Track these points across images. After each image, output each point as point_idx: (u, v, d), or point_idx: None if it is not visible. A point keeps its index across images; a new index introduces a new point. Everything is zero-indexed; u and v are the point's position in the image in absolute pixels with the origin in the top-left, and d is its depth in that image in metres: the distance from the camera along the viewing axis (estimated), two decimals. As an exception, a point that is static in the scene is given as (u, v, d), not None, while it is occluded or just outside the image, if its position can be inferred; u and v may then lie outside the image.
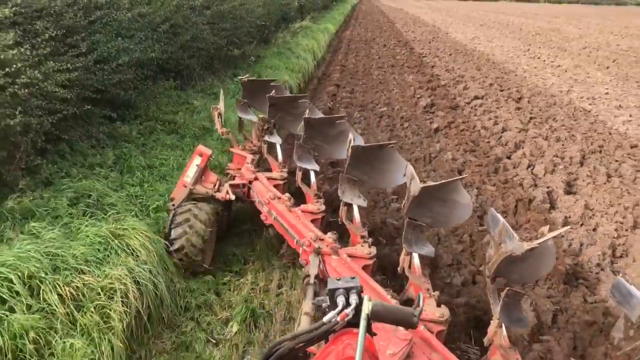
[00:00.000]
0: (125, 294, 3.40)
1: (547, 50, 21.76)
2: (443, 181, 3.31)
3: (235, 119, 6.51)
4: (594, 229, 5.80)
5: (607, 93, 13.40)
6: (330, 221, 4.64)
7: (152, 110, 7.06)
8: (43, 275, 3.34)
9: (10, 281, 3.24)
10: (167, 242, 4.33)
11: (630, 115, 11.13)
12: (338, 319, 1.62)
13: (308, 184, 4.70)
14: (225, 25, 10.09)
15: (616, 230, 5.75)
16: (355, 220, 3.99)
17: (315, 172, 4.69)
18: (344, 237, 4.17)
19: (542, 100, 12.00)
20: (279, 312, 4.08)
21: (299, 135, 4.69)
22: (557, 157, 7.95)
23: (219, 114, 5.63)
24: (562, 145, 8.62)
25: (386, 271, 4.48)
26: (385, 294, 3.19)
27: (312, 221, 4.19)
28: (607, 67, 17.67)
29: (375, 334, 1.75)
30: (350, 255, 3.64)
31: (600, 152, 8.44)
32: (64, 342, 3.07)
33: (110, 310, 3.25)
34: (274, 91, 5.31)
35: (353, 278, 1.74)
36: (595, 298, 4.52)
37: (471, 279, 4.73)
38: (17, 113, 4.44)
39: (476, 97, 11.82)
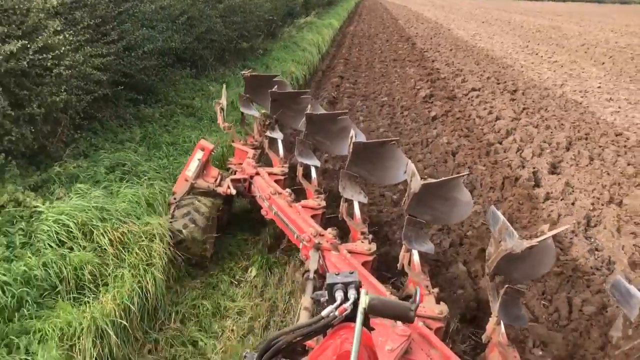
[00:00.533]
0: (162, 238, 4.07)
1: (546, 46, 22.33)
2: (444, 178, 3.34)
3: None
4: (572, 203, 6.43)
5: (599, 87, 14.00)
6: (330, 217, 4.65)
7: (172, 96, 7.71)
8: (94, 223, 4.01)
9: (69, 227, 3.90)
10: (169, 235, 4.39)
11: (619, 107, 11.74)
12: (336, 313, 1.63)
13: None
14: (236, 19, 10.73)
15: (592, 204, 6.38)
16: (356, 217, 4.02)
17: (316, 167, 4.74)
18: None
19: (536, 92, 12.62)
20: (290, 263, 4.72)
21: (301, 130, 4.73)
22: (545, 142, 8.58)
23: (221, 109, 5.69)
24: (551, 132, 9.25)
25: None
26: (385, 290, 3.23)
27: (313, 217, 4.22)
28: (603, 63, 18.26)
29: (373, 329, 1.78)
30: (350, 251, 3.68)
31: (586, 139, 9.07)
32: (115, 274, 3.74)
33: (152, 249, 3.92)
34: (276, 86, 5.32)
35: (352, 273, 1.76)
36: (567, 257, 5.17)
37: (458, 241, 5.38)
38: (62, 91, 5.10)
39: (473, 89, 12.45)
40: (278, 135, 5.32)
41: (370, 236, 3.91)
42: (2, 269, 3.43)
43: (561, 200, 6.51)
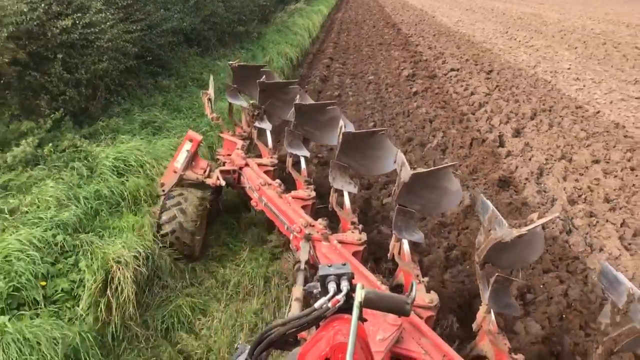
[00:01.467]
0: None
1: (525, 32, 23.61)
2: (433, 168, 3.41)
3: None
4: (529, 159, 7.66)
5: (569, 68, 15.28)
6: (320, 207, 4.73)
7: (183, 70, 8.81)
8: (144, 159, 5.14)
9: (125, 161, 5.03)
10: (157, 226, 4.50)
11: (584, 85, 13.03)
12: (329, 305, 1.65)
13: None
14: (235, 4, 11.81)
15: (546, 159, 7.62)
16: (346, 207, 4.07)
17: (306, 158, 4.76)
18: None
19: (510, 72, 13.87)
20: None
21: (290, 121, 4.74)
22: (512, 113, 9.82)
23: (209, 99, 5.73)
24: (519, 105, 10.49)
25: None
26: (376, 280, 3.28)
27: (303, 207, 4.25)
28: (576, 48, 19.56)
29: (365, 320, 1.79)
30: (340, 242, 3.72)
31: (550, 110, 10.32)
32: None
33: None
34: (264, 77, 5.31)
35: (344, 264, 1.79)
36: (519, 196, 6.39)
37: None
38: (103, 60, 6.19)
39: (452, 69, 13.66)
40: (267, 125, 5.35)
41: (360, 226, 3.96)
42: (80, 189, 4.56)
43: (520, 156, 7.75)
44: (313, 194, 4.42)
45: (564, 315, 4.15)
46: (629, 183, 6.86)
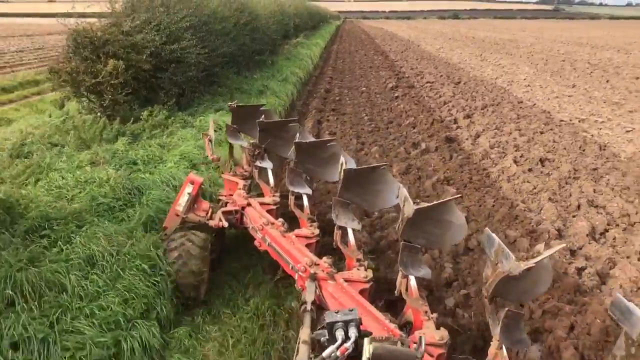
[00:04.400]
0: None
1: (497, 55, 27.91)
2: (436, 202, 3.44)
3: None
4: (472, 129, 11.48)
5: (524, 79, 19.33)
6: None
7: (229, 83, 12.74)
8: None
9: (205, 126, 8.84)
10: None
11: (531, 89, 17.01)
12: (338, 353, 1.72)
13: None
14: (257, 36, 15.88)
15: (482, 130, 11.44)
16: (350, 244, 4.11)
17: (308, 195, 4.83)
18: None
19: (474, 83, 17.90)
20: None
21: (291, 159, 4.80)
22: (467, 106, 13.72)
23: (210, 141, 5.94)
24: (474, 101, 14.42)
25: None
26: (384, 319, 3.30)
27: (307, 246, 4.29)
28: (537, 64, 23.74)
29: None
30: (346, 280, 3.74)
31: (497, 105, 14.23)
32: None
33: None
34: (263, 116, 5.48)
35: (351, 310, 1.88)
36: (463, 150, 10.16)
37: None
38: (191, 70, 10.10)
39: (428, 82, 17.70)
40: (268, 164, 5.42)
41: (366, 262, 4.01)
42: (192, 136, 8.34)
43: (465, 128, 11.58)
44: (317, 231, 4.50)
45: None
46: (534, 138, 10.65)
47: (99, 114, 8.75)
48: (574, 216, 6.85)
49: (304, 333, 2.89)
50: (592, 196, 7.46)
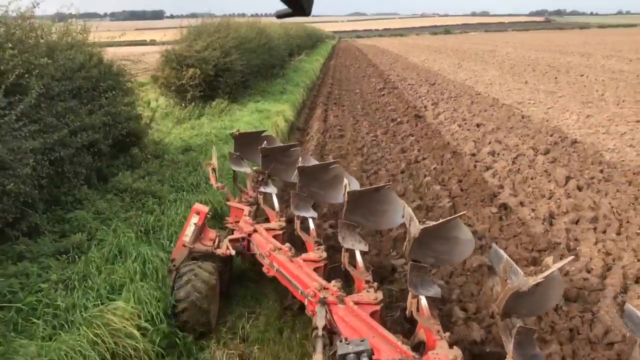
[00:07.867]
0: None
1: (472, 63, 33.04)
2: (442, 220, 3.55)
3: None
4: (435, 111, 16.34)
5: (489, 79, 24.32)
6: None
7: (257, 87, 17.70)
8: (275, 109, 13.90)
9: (255, 109, 13.75)
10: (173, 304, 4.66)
11: (491, 86, 21.96)
12: None
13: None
14: (274, 53, 20.95)
15: (443, 111, 16.32)
16: (359, 265, 4.22)
17: (313, 219, 4.95)
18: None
19: (446, 83, 22.91)
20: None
21: (294, 183, 4.94)
22: (436, 98, 18.66)
23: (213, 169, 6.07)
24: (442, 95, 19.36)
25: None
26: (396, 341, 3.34)
27: (315, 270, 4.37)
28: (503, 69, 28.79)
29: None
30: (356, 303, 3.80)
31: (460, 97, 19.15)
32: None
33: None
34: (265, 142, 5.66)
35: (363, 341, 1.86)
36: (427, 124, 15.01)
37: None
38: (237, 76, 15.06)
39: (409, 84, 22.74)
40: (272, 189, 5.59)
41: (375, 284, 4.06)
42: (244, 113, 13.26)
43: (431, 110, 16.47)
44: (324, 254, 4.58)
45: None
46: (479, 114, 15.49)
47: (183, 104, 13.66)
48: (483, 147, 11.68)
49: (317, 359, 3.06)
50: (501, 139, 12.28)
